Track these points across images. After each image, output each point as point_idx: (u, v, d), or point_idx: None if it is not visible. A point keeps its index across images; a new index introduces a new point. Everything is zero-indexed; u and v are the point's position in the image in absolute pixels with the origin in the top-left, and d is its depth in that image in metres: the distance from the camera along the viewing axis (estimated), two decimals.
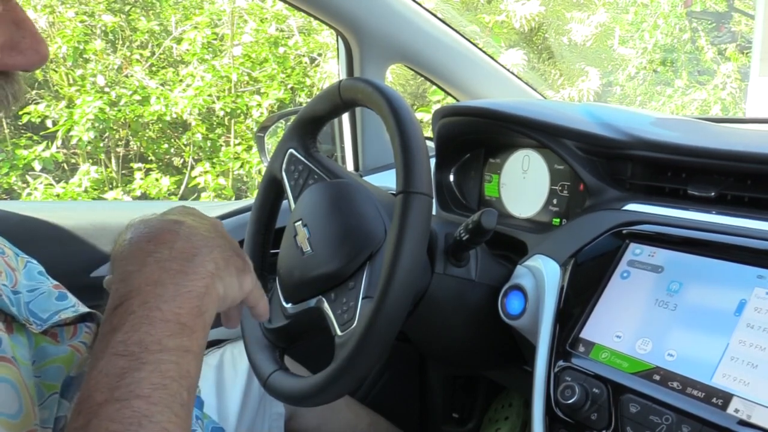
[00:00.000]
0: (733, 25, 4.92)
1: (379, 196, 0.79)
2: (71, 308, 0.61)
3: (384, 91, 0.71)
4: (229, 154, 3.99)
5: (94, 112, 3.61)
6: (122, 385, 0.43)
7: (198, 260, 0.51)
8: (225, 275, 0.53)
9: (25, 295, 0.59)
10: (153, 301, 0.47)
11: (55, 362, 0.57)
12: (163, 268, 0.49)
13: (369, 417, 1.16)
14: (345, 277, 0.73)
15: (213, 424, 0.82)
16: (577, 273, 0.75)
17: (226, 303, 0.54)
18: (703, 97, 4.64)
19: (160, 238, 0.51)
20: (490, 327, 0.83)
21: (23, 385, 0.50)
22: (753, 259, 0.65)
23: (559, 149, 0.86)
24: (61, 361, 0.57)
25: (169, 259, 0.49)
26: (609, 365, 0.67)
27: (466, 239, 0.75)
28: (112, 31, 4.16)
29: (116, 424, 0.41)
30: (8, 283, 0.58)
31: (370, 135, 1.42)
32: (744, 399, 0.57)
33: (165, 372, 0.44)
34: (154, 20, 4.26)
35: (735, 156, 0.73)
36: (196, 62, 4.01)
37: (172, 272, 0.49)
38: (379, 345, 0.64)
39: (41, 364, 0.56)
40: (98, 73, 3.91)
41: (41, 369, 0.55)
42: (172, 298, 0.48)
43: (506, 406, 1.23)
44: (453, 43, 1.44)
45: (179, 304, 0.48)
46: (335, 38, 1.42)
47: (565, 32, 5.03)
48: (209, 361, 1.04)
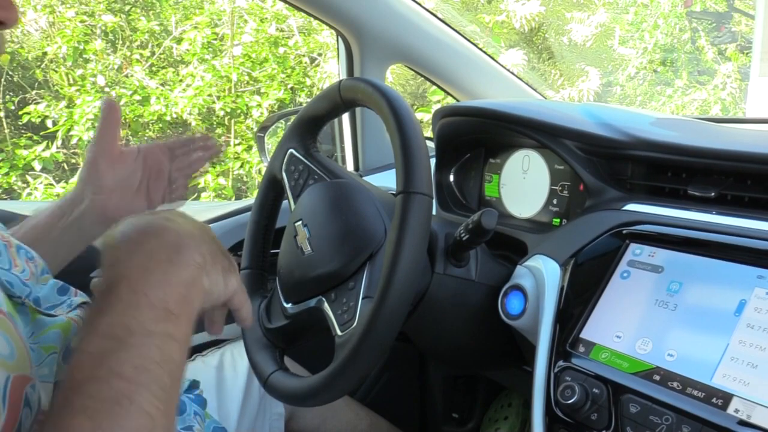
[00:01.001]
0: (733, 25, 4.92)
1: (379, 196, 0.79)
2: (66, 303, 0.63)
3: (384, 91, 0.71)
4: (229, 154, 3.99)
5: (94, 112, 3.62)
6: (104, 364, 0.43)
7: (186, 251, 0.52)
8: (211, 270, 0.54)
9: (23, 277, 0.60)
10: (140, 287, 0.47)
11: (53, 329, 0.58)
12: (152, 256, 0.50)
13: (369, 417, 1.16)
14: (345, 277, 0.73)
15: (215, 424, 0.82)
16: (577, 273, 0.75)
17: (211, 299, 0.55)
18: (703, 97, 4.64)
19: (150, 231, 0.52)
20: (490, 327, 0.83)
21: (17, 337, 0.50)
22: (753, 259, 0.65)
23: (559, 149, 0.86)
24: (58, 327, 0.58)
25: (157, 249, 0.50)
26: (609, 365, 0.67)
27: (466, 239, 0.75)
28: (112, 31, 4.16)
29: (95, 401, 0.41)
30: (8, 264, 0.59)
31: (370, 135, 1.42)
32: (744, 399, 0.57)
33: (148, 355, 0.45)
34: (154, 20, 4.27)
35: (735, 156, 0.73)
36: (196, 62, 4.01)
37: (160, 261, 0.50)
38: (379, 345, 0.64)
39: (39, 334, 0.56)
40: (98, 73, 3.91)
41: (39, 337, 0.56)
42: (159, 284, 0.48)
43: (505, 405, 1.23)
44: (453, 43, 1.44)
45: (166, 290, 0.48)
46: (335, 38, 1.42)
47: (565, 32, 5.04)
48: (209, 362, 1.04)
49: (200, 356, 1.06)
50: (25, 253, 0.64)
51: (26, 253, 0.65)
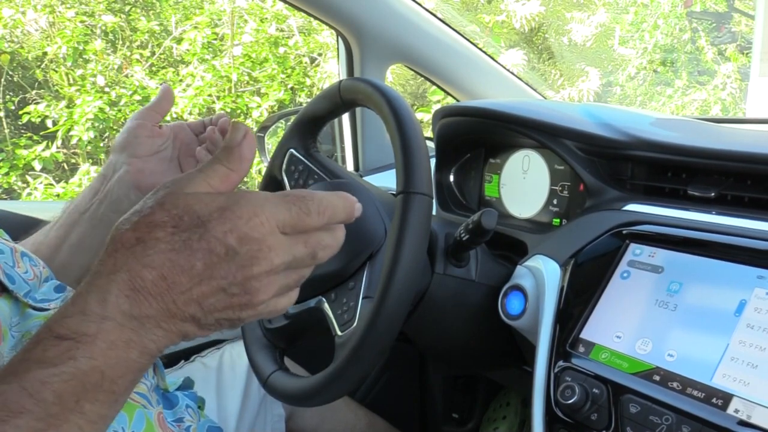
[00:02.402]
0: (733, 26, 4.92)
1: (379, 196, 0.79)
2: (61, 298, 0.63)
3: (384, 91, 0.71)
4: None
5: (93, 111, 3.62)
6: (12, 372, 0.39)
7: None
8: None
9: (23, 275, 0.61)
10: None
11: (37, 319, 0.58)
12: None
13: (368, 417, 1.16)
14: (345, 277, 0.73)
15: (210, 423, 0.82)
16: (577, 273, 0.75)
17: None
18: (703, 97, 4.65)
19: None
20: (490, 327, 0.83)
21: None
22: (753, 260, 0.65)
23: (559, 149, 0.86)
24: (42, 318, 0.58)
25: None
26: (609, 365, 0.67)
27: (466, 239, 0.75)
28: (112, 31, 4.16)
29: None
30: (11, 263, 0.59)
31: (370, 135, 1.42)
32: (744, 399, 0.57)
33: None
34: (154, 20, 4.27)
35: (735, 156, 0.73)
36: (196, 62, 4.01)
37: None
38: (379, 345, 0.64)
39: (23, 323, 0.57)
40: (98, 73, 3.91)
41: (22, 326, 0.56)
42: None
43: (504, 405, 1.23)
44: (453, 43, 1.44)
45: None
46: (335, 38, 1.42)
47: (565, 32, 5.04)
48: (208, 363, 1.04)
49: (199, 357, 1.06)
50: (29, 260, 0.65)
51: (30, 260, 0.65)
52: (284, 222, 0.43)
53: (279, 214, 0.43)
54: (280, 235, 0.43)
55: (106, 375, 0.39)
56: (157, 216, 0.41)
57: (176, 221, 0.41)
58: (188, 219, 0.41)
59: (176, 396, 0.78)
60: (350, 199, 0.49)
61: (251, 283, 0.42)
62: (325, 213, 0.45)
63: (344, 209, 0.48)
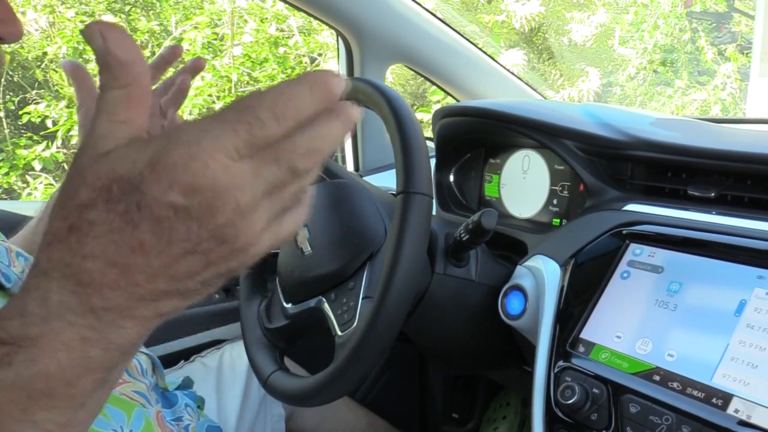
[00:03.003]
0: (733, 26, 4.93)
1: (379, 196, 0.79)
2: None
3: (384, 91, 0.71)
4: None
5: None
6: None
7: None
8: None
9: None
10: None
11: None
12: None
13: (368, 417, 1.16)
14: (345, 277, 0.73)
15: (210, 423, 0.82)
16: (577, 273, 0.75)
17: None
18: (703, 97, 4.65)
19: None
20: (490, 327, 0.83)
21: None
22: (753, 260, 0.65)
23: (559, 149, 0.86)
24: None
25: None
26: (609, 365, 0.67)
27: (466, 239, 0.75)
28: None
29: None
30: (7, 262, 0.59)
31: (370, 135, 1.42)
32: (744, 399, 0.57)
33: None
34: (154, 20, 4.27)
35: (735, 156, 0.73)
36: None
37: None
38: (379, 345, 0.64)
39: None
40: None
41: None
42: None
43: (504, 405, 1.23)
44: (453, 43, 1.44)
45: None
46: (335, 38, 1.42)
47: (565, 32, 5.04)
48: (208, 363, 1.04)
49: (199, 357, 1.06)
50: (24, 259, 0.65)
51: (26, 260, 0.65)
52: (235, 148, 0.34)
53: (224, 143, 0.33)
54: (236, 165, 0.34)
55: (56, 379, 0.35)
56: (83, 195, 0.34)
57: (105, 195, 0.33)
58: (117, 187, 0.33)
59: (175, 395, 0.78)
60: (321, 76, 0.37)
61: (224, 231, 0.34)
62: (285, 114, 0.35)
63: (313, 93, 0.36)
